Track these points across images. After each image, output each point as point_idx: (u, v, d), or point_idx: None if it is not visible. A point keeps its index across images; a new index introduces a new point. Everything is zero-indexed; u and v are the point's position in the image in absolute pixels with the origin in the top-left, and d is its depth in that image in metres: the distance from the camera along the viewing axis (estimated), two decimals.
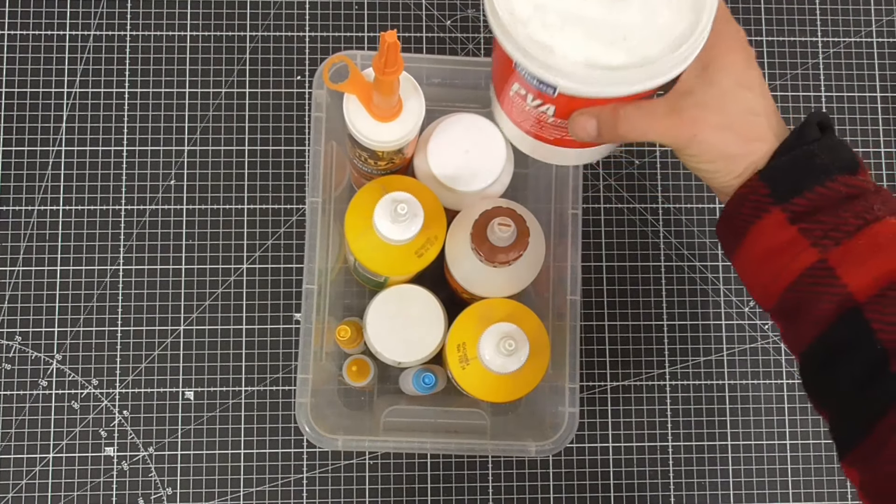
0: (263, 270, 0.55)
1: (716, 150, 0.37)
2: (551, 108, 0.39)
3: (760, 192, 0.37)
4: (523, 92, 0.40)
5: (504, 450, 0.47)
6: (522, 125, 0.43)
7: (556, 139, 0.42)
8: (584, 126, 0.39)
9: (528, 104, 0.40)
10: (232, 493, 0.53)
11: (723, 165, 0.38)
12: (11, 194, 0.55)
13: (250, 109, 0.57)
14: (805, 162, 0.36)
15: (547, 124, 0.41)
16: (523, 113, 0.42)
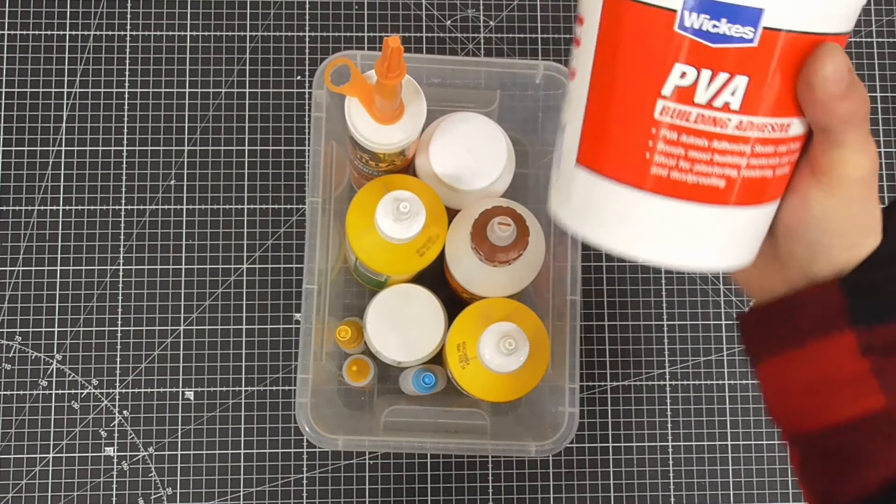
0: (263, 270, 0.55)
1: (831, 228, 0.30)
2: (740, 90, 0.28)
3: (834, 303, 0.30)
4: (689, 78, 0.28)
5: (504, 450, 0.47)
6: (658, 175, 0.29)
7: (717, 188, 0.29)
8: (838, 72, 0.27)
9: (696, 103, 0.28)
10: (232, 493, 0.53)
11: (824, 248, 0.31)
12: (11, 194, 0.55)
13: (250, 109, 0.57)
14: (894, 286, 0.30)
15: (714, 150, 0.29)
16: (671, 140, 0.28)
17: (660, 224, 0.29)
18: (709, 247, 0.30)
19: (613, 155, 0.29)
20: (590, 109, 0.30)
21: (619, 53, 0.29)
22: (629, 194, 0.29)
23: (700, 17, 0.27)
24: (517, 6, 0.58)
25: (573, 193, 0.31)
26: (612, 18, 0.29)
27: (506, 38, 0.58)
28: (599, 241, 0.30)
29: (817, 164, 0.29)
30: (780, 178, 0.30)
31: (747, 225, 0.30)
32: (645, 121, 0.28)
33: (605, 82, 0.29)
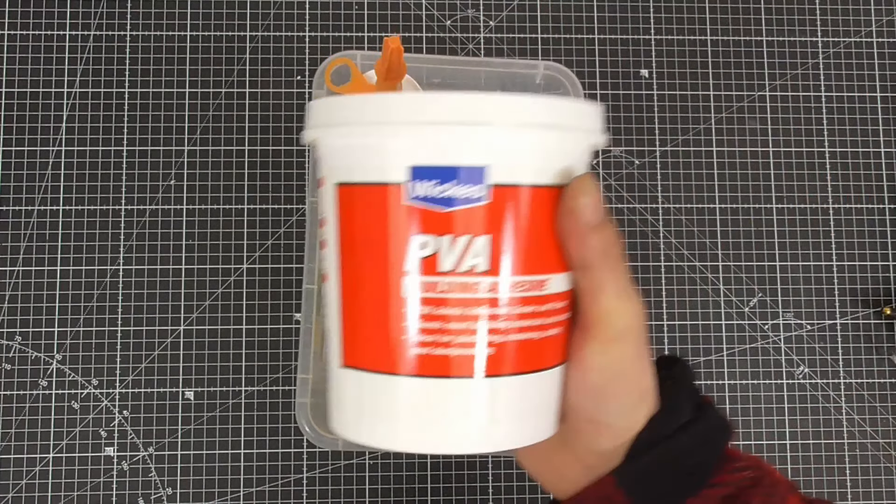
0: (263, 270, 0.55)
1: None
2: (484, 250, 0.27)
3: (618, 501, 0.30)
4: (429, 247, 0.27)
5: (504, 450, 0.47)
6: (421, 355, 0.27)
7: (489, 356, 0.27)
8: (595, 202, 0.28)
9: (442, 272, 0.27)
10: (232, 493, 0.53)
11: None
12: (11, 194, 0.55)
13: (250, 109, 0.57)
14: (674, 466, 0.30)
15: (470, 318, 0.27)
16: (426, 315, 0.27)
17: (437, 406, 0.27)
18: (499, 421, 0.28)
19: (375, 346, 0.28)
20: (344, 306, 0.29)
21: (358, 240, 0.28)
22: (399, 383, 0.27)
23: (426, 184, 0.26)
24: (517, 6, 0.58)
25: (344, 399, 0.29)
26: (346, 208, 0.28)
27: (506, 38, 0.58)
28: (379, 443, 0.28)
29: (585, 317, 0.29)
30: (551, 339, 0.29)
31: (530, 394, 0.28)
32: (396, 302, 0.27)
33: (353, 273, 0.28)
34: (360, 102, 0.27)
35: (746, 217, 0.57)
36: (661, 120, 0.58)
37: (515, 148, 0.27)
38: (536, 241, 0.27)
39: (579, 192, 0.28)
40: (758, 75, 0.58)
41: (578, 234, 0.28)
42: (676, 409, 0.30)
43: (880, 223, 0.57)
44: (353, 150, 0.28)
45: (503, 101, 0.26)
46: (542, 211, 0.27)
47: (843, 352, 0.56)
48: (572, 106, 0.28)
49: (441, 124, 0.26)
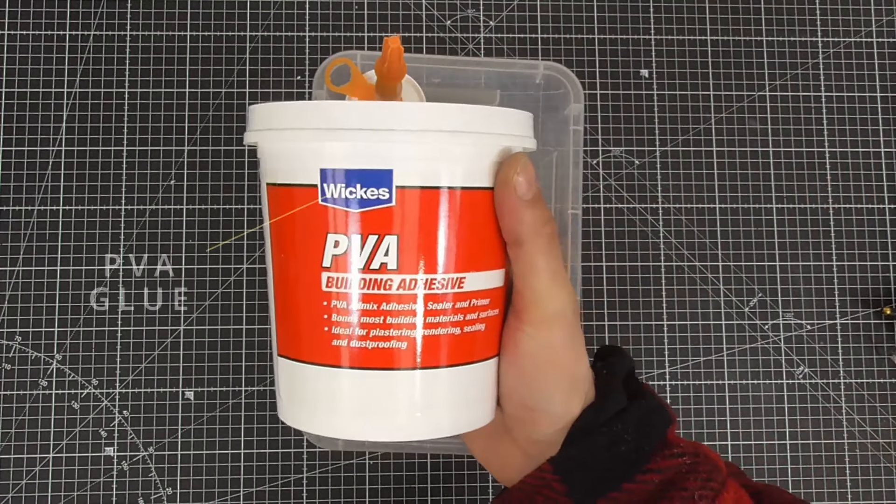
0: (263, 270, 0.55)
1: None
2: (392, 249, 0.28)
3: (556, 489, 0.30)
4: (341, 246, 0.28)
5: None
6: (341, 347, 0.29)
7: (401, 350, 0.29)
8: (529, 178, 0.29)
9: (355, 269, 0.28)
10: (232, 493, 0.53)
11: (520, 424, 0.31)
12: (11, 194, 0.55)
13: None
14: (608, 452, 0.30)
15: (385, 313, 0.29)
16: (343, 310, 0.29)
17: (359, 397, 0.29)
18: (420, 411, 0.29)
19: (301, 336, 0.30)
20: (277, 298, 0.31)
21: (283, 238, 0.30)
22: (324, 373, 0.29)
23: (337, 186, 0.28)
24: (517, 6, 0.58)
25: (282, 385, 0.32)
26: (273, 207, 0.30)
27: (506, 38, 0.58)
28: (312, 429, 0.30)
29: (518, 299, 0.30)
30: (477, 335, 0.30)
31: (456, 385, 0.30)
32: (316, 296, 0.29)
33: (280, 268, 0.30)
34: (282, 109, 0.29)
35: (746, 217, 0.57)
36: (661, 120, 0.58)
37: (419, 153, 0.28)
38: (449, 241, 0.29)
39: (513, 167, 0.29)
40: (758, 75, 0.58)
41: (512, 208, 0.29)
42: (609, 398, 0.31)
43: (880, 223, 0.57)
44: (276, 154, 0.30)
45: (404, 108, 0.28)
46: (454, 212, 0.29)
47: (843, 352, 0.56)
48: (479, 112, 0.29)
49: (347, 130, 0.28)
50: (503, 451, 0.33)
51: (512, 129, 0.30)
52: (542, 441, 0.31)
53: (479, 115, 0.29)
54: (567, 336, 0.30)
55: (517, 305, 0.30)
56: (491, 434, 0.32)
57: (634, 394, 0.32)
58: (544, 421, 0.31)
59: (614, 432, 0.30)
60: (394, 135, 0.28)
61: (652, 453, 0.30)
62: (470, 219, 0.29)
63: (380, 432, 0.29)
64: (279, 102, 0.30)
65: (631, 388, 0.32)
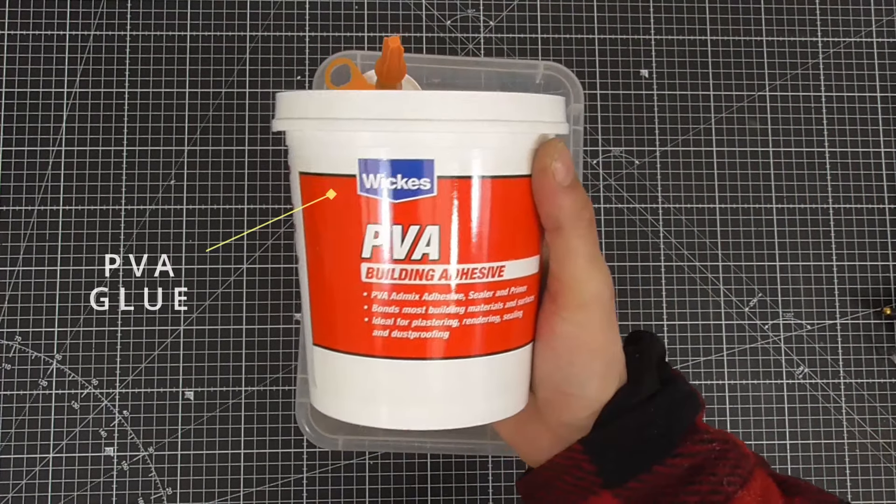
0: (263, 270, 0.55)
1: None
2: (434, 239, 0.28)
3: (585, 469, 0.30)
4: (382, 237, 0.28)
5: (504, 450, 0.47)
6: (382, 338, 0.29)
7: (442, 339, 0.29)
8: (567, 163, 0.29)
9: (396, 259, 0.28)
10: (232, 493, 0.53)
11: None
12: (11, 194, 0.55)
13: (250, 109, 0.57)
14: (640, 434, 0.30)
15: (427, 303, 0.28)
16: (384, 300, 0.28)
17: (399, 387, 0.29)
18: (460, 400, 0.29)
19: (339, 327, 0.29)
20: (312, 288, 0.30)
21: (319, 228, 0.30)
22: (363, 363, 0.29)
23: (377, 177, 0.28)
24: (517, 6, 0.58)
25: (316, 374, 0.31)
26: (308, 197, 0.30)
27: (506, 38, 0.58)
28: (348, 417, 0.30)
29: (554, 283, 0.30)
30: (514, 323, 0.30)
31: (495, 373, 0.30)
32: (356, 286, 0.29)
33: (317, 258, 0.30)
34: (316, 98, 0.29)
35: (746, 217, 0.57)
36: (661, 120, 0.58)
37: (460, 142, 0.28)
38: (491, 230, 0.29)
39: (551, 153, 0.29)
40: (758, 75, 0.58)
41: (551, 194, 0.29)
42: (642, 380, 0.31)
43: (880, 223, 0.57)
44: (312, 143, 0.29)
45: (446, 96, 0.28)
46: (494, 200, 0.29)
47: (843, 352, 0.56)
48: (517, 99, 0.29)
49: (388, 120, 0.27)
50: (532, 434, 0.33)
51: (546, 115, 0.30)
52: (573, 424, 0.31)
53: (518, 103, 0.29)
54: (604, 319, 0.30)
55: (554, 290, 0.30)
56: (520, 417, 0.32)
57: (666, 378, 0.32)
58: (578, 405, 0.31)
59: (646, 415, 0.30)
60: (436, 124, 0.27)
61: (682, 437, 0.30)
62: (508, 207, 0.29)
63: (418, 422, 0.29)
64: (314, 91, 0.29)
65: (662, 373, 0.32)
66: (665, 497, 0.29)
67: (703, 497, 0.29)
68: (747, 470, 0.30)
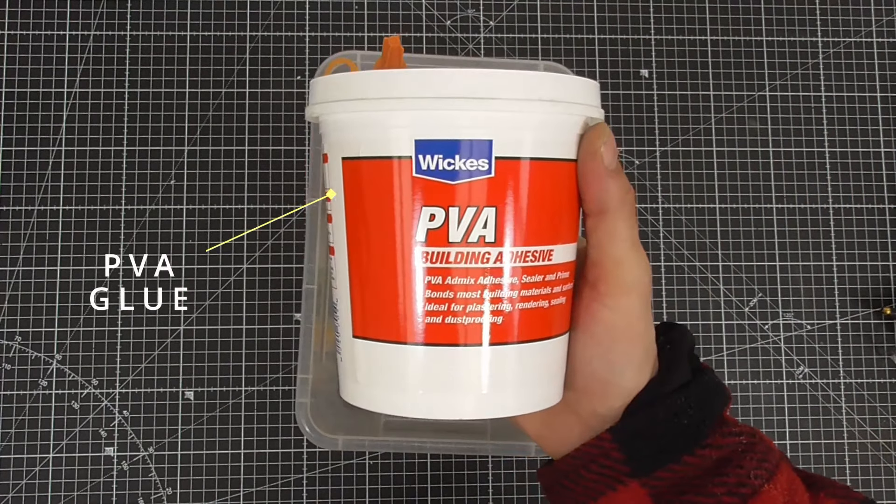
0: (263, 270, 0.55)
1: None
2: (491, 222, 0.28)
3: (613, 457, 0.30)
4: (438, 219, 0.28)
5: (504, 450, 0.47)
6: (434, 324, 0.28)
7: (496, 324, 0.28)
8: (613, 147, 0.30)
9: (452, 242, 0.28)
10: (232, 493, 0.53)
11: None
12: (11, 194, 0.55)
13: (250, 109, 0.57)
14: (670, 424, 0.30)
15: (482, 287, 0.28)
16: (438, 285, 0.28)
17: (446, 374, 0.28)
18: (509, 387, 0.29)
19: (386, 316, 0.29)
20: (353, 277, 0.29)
21: (367, 214, 0.28)
22: (411, 352, 0.28)
23: (434, 157, 0.27)
24: (517, 6, 0.58)
25: (357, 369, 0.30)
26: (352, 182, 0.29)
27: (506, 38, 0.58)
28: (394, 410, 0.29)
29: (596, 269, 0.30)
30: (558, 309, 0.30)
31: (539, 359, 0.29)
32: (406, 273, 0.28)
33: (362, 246, 0.29)
34: (365, 78, 0.28)
35: (746, 217, 0.57)
36: (661, 120, 0.58)
37: (518, 122, 0.28)
38: (541, 213, 0.28)
39: (601, 135, 0.29)
40: (758, 75, 0.58)
41: (598, 177, 0.29)
42: (673, 371, 0.31)
43: (880, 223, 0.57)
44: (358, 126, 0.28)
45: (507, 75, 0.27)
46: (545, 183, 0.28)
47: (843, 352, 0.56)
48: (571, 81, 0.29)
49: (446, 98, 0.27)
50: (561, 425, 0.32)
51: (591, 98, 0.30)
52: (605, 415, 0.31)
53: (570, 85, 0.29)
54: (644, 306, 0.30)
55: (594, 276, 0.30)
56: (550, 409, 0.32)
57: (695, 369, 0.32)
58: (614, 394, 0.31)
59: (677, 405, 0.30)
60: (495, 103, 0.27)
61: (711, 429, 0.30)
62: (557, 190, 0.29)
63: (473, 411, 0.28)
64: (358, 72, 0.28)
65: (691, 365, 0.32)
66: (692, 488, 0.29)
67: (730, 489, 0.29)
68: (773, 464, 0.30)
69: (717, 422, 0.31)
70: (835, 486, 0.32)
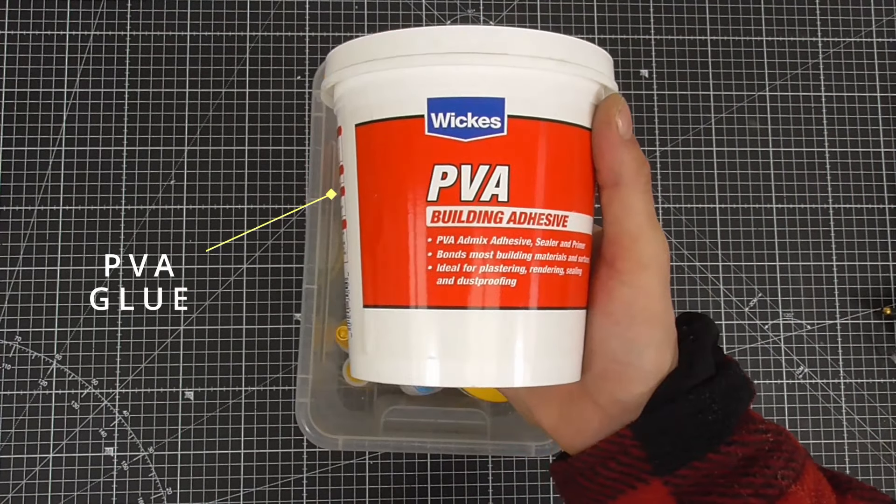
0: (263, 270, 0.55)
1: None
2: (504, 180, 0.27)
3: (633, 455, 0.29)
4: (450, 177, 0.27)
5: (504, 450, 0.47)
6: (447, 286, 0.28)
7: (510, 287, 0.28)
8: (628, 117, 0.29)
9: (464, 201, 0.27)
10: (232, 493, 0.53)
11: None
12: (11, 194, 0.55)
13: (250, 109, 0.57)
14: (694, 420, 0.29)
15: (495, 247, 0.27)
16: (450, 245, 0.27)
17: (459, 339, 0.27)
18: (521, 355, 0.28)
19: (396, 280, 0.28)
20: (366, 245, 0.29)
21: (379, 177, 0.28)
22: (421, 315, 0.28)
23: (447, 115, 0.27)
24: (517, 6, 0.58)
25: (367, 338, 0.29)
26: (365, 148, 0.29)
27: None
28: (406, 378, 0.28)
29: (612, 245, 0.29)
30: (574, 279, 0.29)
31: (554, 330, 0.28)
32: (420, 232, 0.27)
33: (374, 211, 0.28)
34: (379, 39, 0.28)
35: (746, 217, 0.57)
36: (661, 120, 0.58)
37: (531, 80, 0.27)
38: (556, 176, 0.28)
39: (616, 104, 0.29)
40: (758, 75, 0.58)
41: (613, 146, 0.29)
42: (697, 363, 0.30)
43: (880, 223, 0.57)
44: (372, 89, 0.28)
45: (517, 32, 0.27)
46: (559, 147, 0.28)
47: (843, 352, 0.56)
48: (582, 45, 0.28)
49: (457, 53, 0.27)
50: (579, 416, 0.31)
51: (604, 67, 0.30)
52: (627, 402, 0.30)
53: (581, 48, 0.28)
54: (662, 284, 0.29)
55: (610, 253, 0.30)
56: (566, 398, 0.31)
57: (719, 363, 0.31)
58: (634, 377, 0.29)
59: (702, 400, 0.29)
60: (508, 59, 0.27)
61: (736, 426, 0.29)
62: (571, 156, 0.29)
63: (492, 377, 0.27)
64: (373, 35, 0.28)
65: (715, 357, 0.31)
66: (717, 487, 0.28)
67: (757, 490, 0.28)
68: (800, 463, 0.29)
69: (742, 418, 0.30)
70: (862, 487, 0.31)
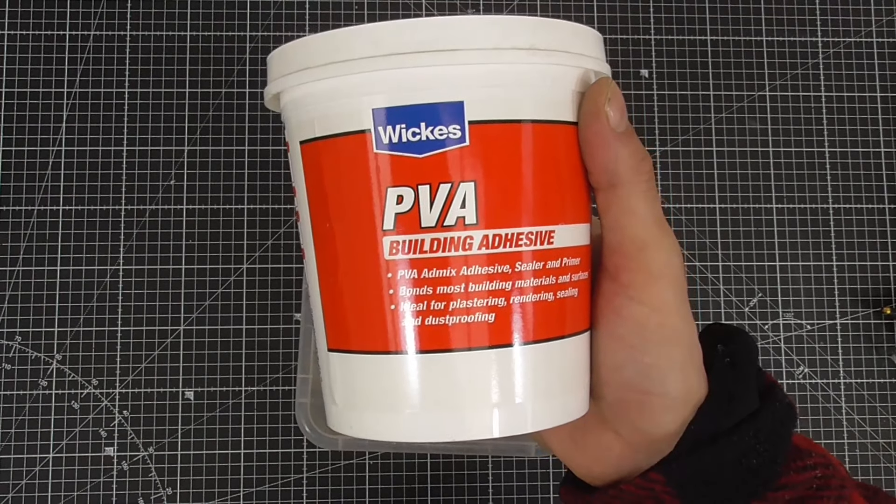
0: (263, 270, 0.55)
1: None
2: (470, 199, 0.23)
3: (664, 500, 0.25)
4: (407, 201, 0.23)
5: (504, 450, 0.47)
6: (415, 327, 0.23)
7: (488, 323, 0.23)
8: (621, 105, 0.24)
9: (425, 228, 0.23)
10: (232, 493, 0.53)
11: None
12: (11, 194, 0.55)
13: (250, 109, 0.57)
14: (736, 464, 0.25)
15: (467, 279, 0.23)
16: (413, 280, 0.23)
17: (439, 386, 0.23)
18: (514, 399, 0.23)
19: (360, 322, 0.24)
20: (323, 281, 0.25)
21: (329, 203, 0.24)
22: (391, 362, 0.23)
23: (396, 128, 0.23)
24: (517, 6, 0.58)
25: (334, 387, 0.25)
26: (312, 168, 0.24)
27: None
28: (375, 433, 0.24)
29: (615, 256, 0.25)
30: (570, 302, 0.25)
31: (551, 365, 0.24)
32: (377, 268, 0.23)
33: (327, 241, 0.24)
34: (315, 41, 0.24)
35: (746, 217, 0.57)
36: (661, 120, 0.58)
37: (492, 77, 0.23)
38: (536, 187, 0.24)
39: (604, 92, 0.24)
40: (758, 75, 0.58)
41: (604, 142, 0.24)
42: (737, 399, 0.25)
43: (880, 223, 0.57)
44: (311, 100, 0.24)
45: (470, 21, 0.23)
46: (536, 151, 0.24)
47: (843, 352, 0.56)
48: (556, 25, 0.24)
49: (403, 55, 0.23)
50: (596, 444, 0.27)
51: (589, 48, 0.25)
52: (653, 432, 0.25)
53: (555, 29, 0.24)
54: (678, 295, 0.25)
55: (614, 265, 0.25)
56: (578, 426, 0.27)
57: (762, 391, 0.26)
58: (659, 406, 0.25)
59: (745, 441, 0.25)
60: (459, 55, 0.22)
61: (783, 465, 0.25)
62: (553, 160, 0.24)
63: (470, 430, 0.23)
64: (308, 36, 0.24)
65: (759, 386, 0.27)
66: None
67: None
68: (848, 498, 0.25)
69: (789, 455, 0.25)
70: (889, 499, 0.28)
